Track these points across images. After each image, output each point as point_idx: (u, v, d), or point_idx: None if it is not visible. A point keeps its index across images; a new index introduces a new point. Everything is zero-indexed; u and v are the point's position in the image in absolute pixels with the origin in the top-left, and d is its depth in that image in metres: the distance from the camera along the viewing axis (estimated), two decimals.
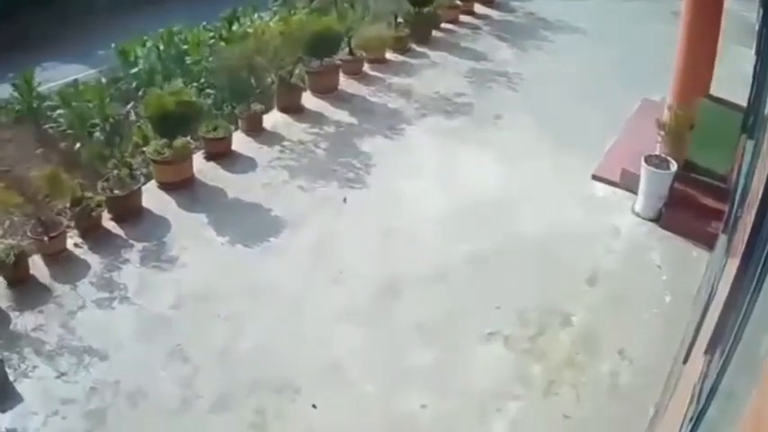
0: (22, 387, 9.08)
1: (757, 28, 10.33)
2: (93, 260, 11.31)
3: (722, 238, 9.73)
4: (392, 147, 14.55)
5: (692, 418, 5.21)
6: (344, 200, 12.84)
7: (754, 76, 10.44)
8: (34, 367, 9.39)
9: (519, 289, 10.95)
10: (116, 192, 12.19)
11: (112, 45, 17.04)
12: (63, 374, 9.32)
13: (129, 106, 14.07)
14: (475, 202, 12.70)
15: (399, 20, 19.16)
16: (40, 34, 20.71)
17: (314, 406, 9.02)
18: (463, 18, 21.31)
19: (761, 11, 10.33)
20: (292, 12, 17.40)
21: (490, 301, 10.73)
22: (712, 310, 7.22)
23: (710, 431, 4.63)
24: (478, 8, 22.05)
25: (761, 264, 4.62)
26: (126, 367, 9.46)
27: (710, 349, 6.04)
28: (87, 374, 9.34)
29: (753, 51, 10.66)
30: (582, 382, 9.46)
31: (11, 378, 9.13)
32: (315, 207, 12.66)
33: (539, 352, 9.93)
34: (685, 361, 7.90)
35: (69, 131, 13.64)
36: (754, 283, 4.54)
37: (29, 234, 11.14)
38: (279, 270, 11.28)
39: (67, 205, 11.65)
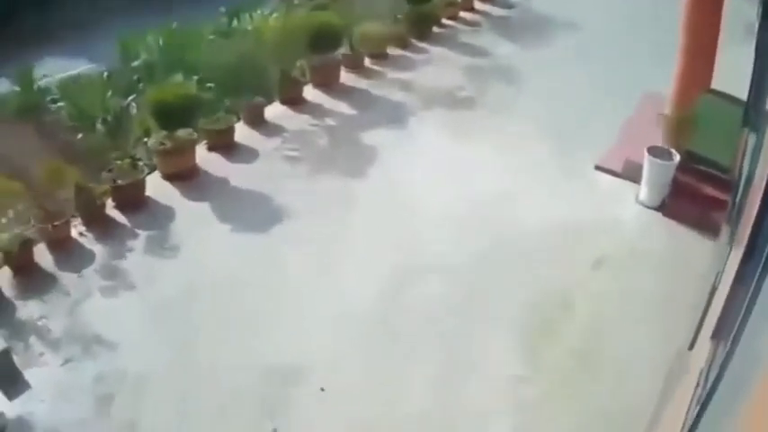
0: (29, 374, 9.09)
1: (757, 24, 10.37)
2: (98, 248, 11.35)
3: (726, 227, 9.79)
4: (394, 139, 14.58)
5: (698, 401, 5.26)
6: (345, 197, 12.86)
7: (753, 71, 10.50)
8: (41, 355, 9.42)
9: (523, 278, 11.00)
10: (119, 182, 12.25)
11: (114, 39, 17.03)
12: (69, 361, 9.35)
13: (131, 98, 14.05)
14: (478, 193, 12.76)
15: (399, 16, 19.19)
16: (41, 28, 20.69)
17: (322, 389, 9.07)
18: (463, 14, 21.34)
19: (761, 7, 10.38)
20: (293, 4, 17.43)
21: (495, 291, 10.78)
22: (718, 297, 7.26)
23: (718, 414, 4.66)
24: (478, 5, 22.11)
25: (765, 251, 4.66)
26: (133, 354, 9.49)
27: (717, 335, 6.09)
28: (94, 362, 9.36)
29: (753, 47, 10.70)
30: (587, 368, 9.51)
31: (18, 365, 9.16)
32: (318, 197, 12.70)
33: (544, 339, 9.97)
34: (691, 347, 7.95)
35: (71, 124, 13.63)
36: (759, 269, 4.59)
37: (33, 223, 11.16)
38: (283, 258, 11.31)
39: (71, 195, 11.68)
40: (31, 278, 10.69)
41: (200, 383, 9.18)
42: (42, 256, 11.10)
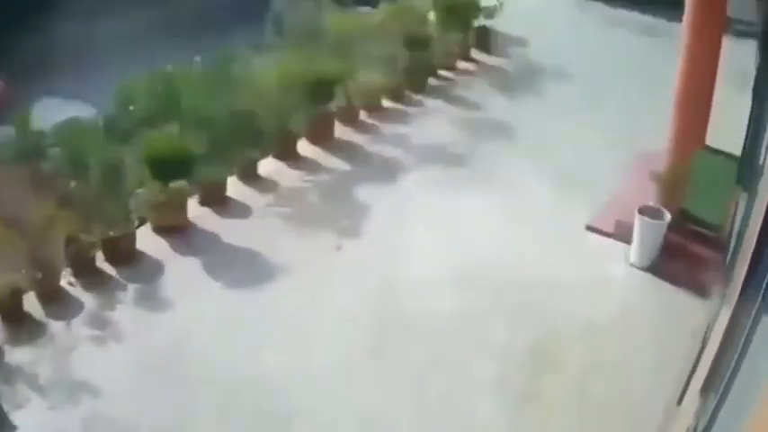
0: (15, 418, 9.06)
1: (754, 74, 10.40)
2: (87, 299, 11.34)
3: (716, 288, 9.78)
4: (388, 196, 14.53)
5: None
6: (339, 248, 12.86)
7: (749, 124, 10.51)
8: (28, 400, 9.42)
9: (512, 338, 10.97)
10: (111, 233, 12.22)
11: (113, 78, 16.96)
12: (56, 407, 9.34)
13: (125, 148, 14.03)
14: (469, 250, 12.72)
15: (396, 66, 19.21)
16: (39, 70, 20.71)
17: None
18: (460, 64, 21.26)
19: (758, 57, 10.41)
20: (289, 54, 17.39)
21: (481, 349, 10.80)
22: (706, 354, 7.25)
23: None
24: (475, 54, 21.94)
25: (754, 311, 4.67)
26: (120, 402, 9.50)
27: (705, 389, 6.07)
28: (81, 407, 9.35)
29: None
30: (577, 427, 9.45)
31: (5, 408, 9.11)
32: (309, 255, 12.65)
33: (531, 398, 9.95)
34: (679, 402, 7.92)
35: (65, 171, 13.62)
36: (748, 328, 4.59)
37: (22, 271, 11.11)
38: (273, 315, 11.31)
39: (62, 244, 11.67)
40: (19, 326, 10.69)
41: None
42: (31, 304, 11.09)
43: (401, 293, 11.79)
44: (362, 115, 17.85)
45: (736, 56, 13.49)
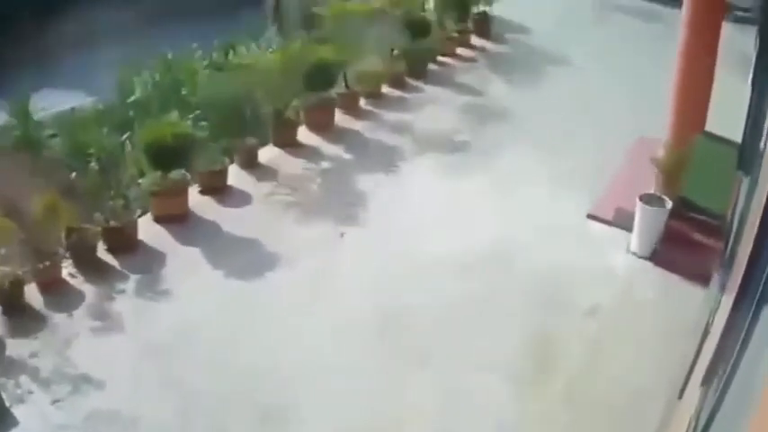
0: (17, 412, 9.03)
1: (753, 60, 10.35)
2: (88, 290, 11.31)
3: (717, 275, 9.75)
4: (389, 183, 14.57)
5: None
6: (342, 235, 12.84)
7: (749, 110, 10.46)
8: (29, 393, 9.38)
9: (516, 326, 10.92)
10: (112, 223, 12.22)
11: (113, 69, 16.89)
12: (59, 400, 9.30)
13: (125, 137, 13.99)
14: (470, 238, 12.66)
15: (395, 52, 19.22)
16: (37, 60, 20.64)
17: None
18: (459, 50, 21.34)
19: (757, 42, 10.37)
20: (289, 41, 17.33)
21: (487, 337, 10.73)
22: (708, 345, 7.23)
23: None
24: (475, 40, 22.09)
25: (756, 299, 4.64)
26: (121, 394, 9.46)
27: (707, 382, 6.05)
28: (83, 400, 9.31)
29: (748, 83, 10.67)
30: (578, 413, 9.46)
31: (6, 403, 9.08)
32: (311, 242, 12.62)
33: (535, 384, 9.92)
34: (680, 396, 7.91)
35: (65, 160, 13.58)
36: (749, 317, 4.57)
37: (23, 262, 11.11)
38: (275, 303, 11.29)
39: (63, 235, 11.67)
40: (20, 317, 10.66)
41: (190, 424, 9.16)
42: (32, 296, 11.06)
43: (404, 280, 11.75)
44: (362, 102, 17.87)
45: (736, 42, 13.45)
